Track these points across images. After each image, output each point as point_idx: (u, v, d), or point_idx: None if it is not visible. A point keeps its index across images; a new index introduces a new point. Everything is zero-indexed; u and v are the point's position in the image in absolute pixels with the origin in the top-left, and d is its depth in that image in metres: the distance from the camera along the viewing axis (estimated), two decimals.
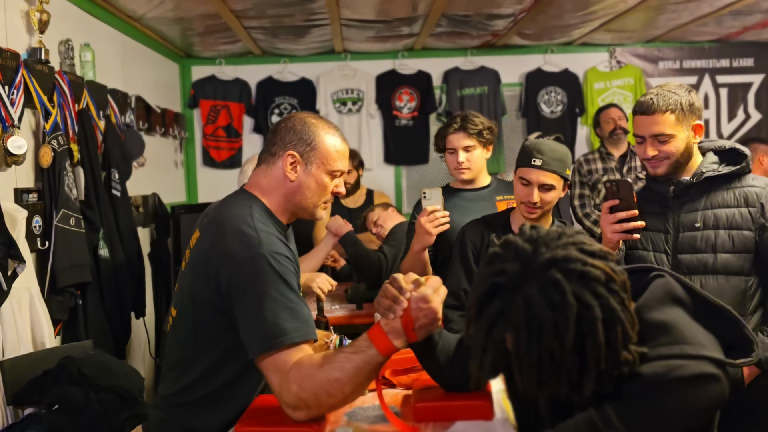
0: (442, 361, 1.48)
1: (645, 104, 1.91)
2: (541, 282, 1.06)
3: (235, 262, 1.45)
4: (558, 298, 1.04)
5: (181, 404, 1.58)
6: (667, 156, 1.90)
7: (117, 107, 3.48)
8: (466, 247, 2.23)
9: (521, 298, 1.06)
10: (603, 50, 5.20)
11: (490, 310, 1.09)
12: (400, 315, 1.37)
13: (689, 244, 1.90)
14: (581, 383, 1.08)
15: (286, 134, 1.60)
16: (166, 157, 4.59)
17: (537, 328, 1.05)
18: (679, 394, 1.07)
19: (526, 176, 2.08)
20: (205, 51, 4.83)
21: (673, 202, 1.95)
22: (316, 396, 1.35)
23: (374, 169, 5.10)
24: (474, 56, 5.10)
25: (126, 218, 3.26)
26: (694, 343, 1.11)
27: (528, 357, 1.06)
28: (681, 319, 1.16)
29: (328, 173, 1.61)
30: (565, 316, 1.04)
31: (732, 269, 1.87)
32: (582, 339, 1.05)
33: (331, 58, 5.08)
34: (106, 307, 2.97)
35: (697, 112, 1.91)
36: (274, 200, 1.60)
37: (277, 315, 1.41)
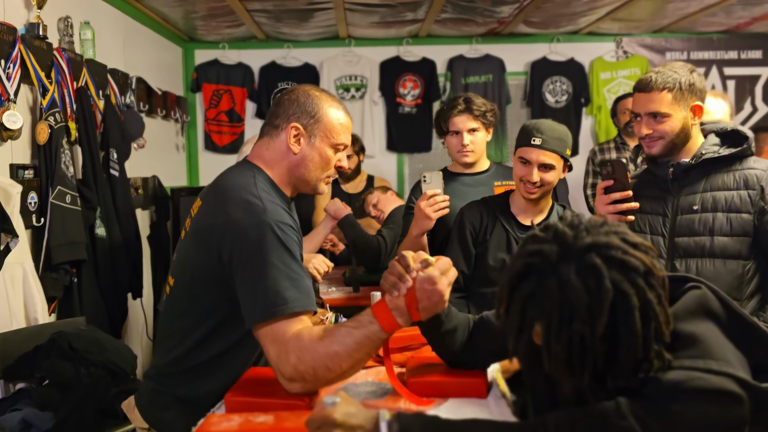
0: (447, 340, 1.45)
1: (643, 81, 1.88)
2: (579, 265, 1.03)
3: (239, 229, 1.42)
4: (594, 283, 1.01)
5: (174, 374, 1.55)
6: (661, 135, 1.86)
7: (117, 87, 3.45)
8: (465, 228, 2.20)
9: (556, 280, 1.03)
10: (610, 40, 5.14)
11: (522, 291, 1.07)
12: (404, 293, 1.33)
13: (687, 227, 1.87)
14: (605, 374, 1.04)
15: (290, 106, 1.57)
16: (167, 140, 4.57)
17: (569, 312, 1.01)
18: (693, 404, 1.02)
19: (526, 155, 2.04)
20: (209, 35, 4.79)
21: (672, 185, 1.92)
22: (314, 369, 1.32)
23: (376, 157, 5.07)
24: (479, 44, 5.06)
25: (124, 198, 3.24)
26: (720, 359, 1.07)
27: (558, 339, 1.02)
28: (711, 334, 1.12)
29: (332, 146, 1.58)
30: (600, 302, 1.01)
31: (729, 253, 1.83)
32: (614, 327, 1.02)
33: (335, 44, 5.04)
34: (101, 286, 2.96)
35: (698, 93, 1.87)
36: (278, 172, 1.58)
37: (279, 284, 1.38)
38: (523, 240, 1.14)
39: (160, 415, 1.55)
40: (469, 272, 2.19)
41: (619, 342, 1.03)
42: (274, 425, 1.20)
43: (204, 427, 1.21)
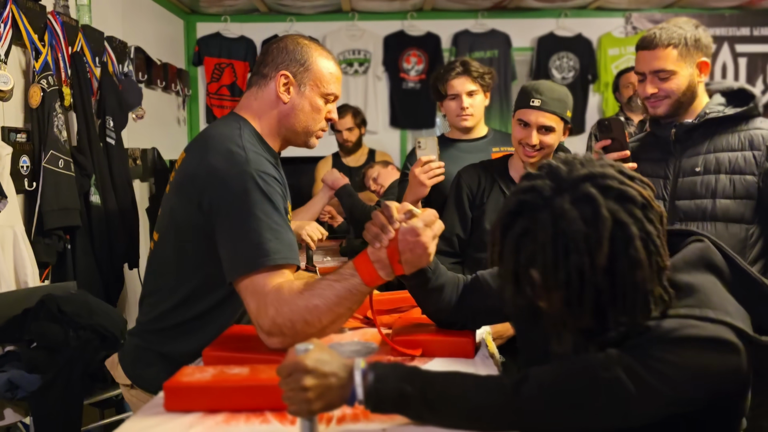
0: (434, 297, 1.40)
1: (647, 39, 1.80)
2: (573, 196, 0.97)
3: (220, 178, 1.38)
4: (590, 212, 0.96)
5: (157, 330, 1.52)
6: (667, 94, 1.79)
7: (114, 55, 3.40)
8: (462, 191, 2.14)
9: (549, 212, 0.97)
10: (619, 15, 5.04)
11: (515, 231, 1.00)
12: (386, 245, 1.28)
13: (688, 189, 1.79)
14: (607, 312, 0.99)
15: (279, 54, 1.52)
16: (168, 113, 4.53)
17: (565, 244, 0.95)
18: (685, 352, 0.97)
19: (525, 117, 1.98)
20: (210, 7, 4.73)
21: (675, 147, 1.84)
22: (292, 322, 1.28)
23: (380, 133, 5.01)
24: (485, 18, 4.97)
25: (120, 167, 3.21)
26: (718, 309, 1.02)
27: (555, 275, 0.96)
28: (711, 285, 1.06)
29: (322, 96, 1.53)
30: (598, 230, 0.95)
31: (732, 216, 1.75)
32: (614, 260, 0.96)
33: (339, 17, 4.96)
34: (96, 253, 2.93)
35: (704, 49, 1.79)
36: (266, 123, 1.53)
37: (260, 235, 1.33)
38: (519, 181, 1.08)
39: (142, 371, 1.52)
40: (465, 236, 2.13)
41: (622, 275, 0.96)
42: (247, 376, 1.16)
43: (177, 377, 1.17)
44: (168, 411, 1.14)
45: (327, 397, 0.99)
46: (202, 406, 1.13)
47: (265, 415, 1.11)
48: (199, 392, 1.13)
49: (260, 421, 1.09)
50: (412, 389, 1.00)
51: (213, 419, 1.10)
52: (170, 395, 1.14)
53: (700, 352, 0.97)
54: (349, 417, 1.09)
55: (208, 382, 1.14)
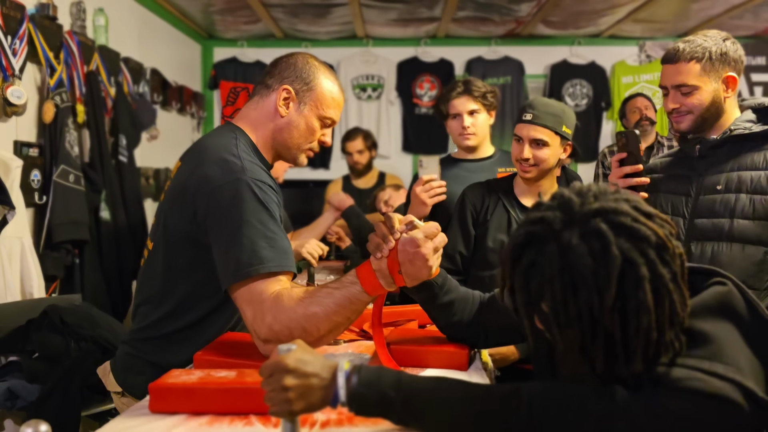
0: (444, 313, 1.39)
1: (670, 52, 1.75)
2: (582, 231, 0.93)
3: (214, 186, 1.38)
4: (599, 249, 0.91)
5: (148, 339, 1.51)
6: (689, 110, 1.72)
7: (130, 76, 3.47)
8: (466, 209, 2.13)
9: (557, 245, 0.93)
10: (632, 43, 5.05)
11: (523, 263, 0.97)
12: (386, 255, 1.27)
13: (707, 207, 1.73)
14: (617, 354, 0.94)
15: (286, 69, 1.53)
16: (183, 135, 4.59)
17: (572, 279, 0.91)
18: (685, 404, 0.92)
19: (518, 132, 1.98)
20: (227, 31, 4.83)
21: (698, 163, 1.78)
22: (290, 330, 1.27)
23: (392, 157, 5.03)
24: (498, 45, 5.01)
25: (132, 185, 3.25)
26: (729, 364, 0.96)
27: (565, 312, 0.92)
28: (727, 335, 1.00)
29: (319, 118, 1.53)
30: (607, 268, 0.90)
31: (749, 237, 1.67)
32: (623, 301, 0.91)
33: (353, 43, 5.04)
34: (104, 269, 2.95)
35: (732, 63, 1.72)
36: (261, 135, 1.53)
37: (255, 243, 1.33)
38: (528, 210, 1.04)
39: (133, 380, 1.51)
40: (468, 254, 2.11)
41: (628, 318, 0.92)
42: (233, 380, 1.14)
43: (163, 379, 1.16)
44: (153, 412, 1.13)
45: (308, 397, 0.97)
46: (186, 408, 1.12)
47: (249, 418, 1.09)
48: (184, 394, 1.12)
49: (244, 423, 1.08)
50: (396, 394, 0.98)
51: (196, 421, 1.09)
52: (155, 396, 1.13)
53: (700, 407, 0.92)
54: (333, 422, 1.07)
55: (193, 383, 1.13)
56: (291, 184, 4.50)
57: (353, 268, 3.00)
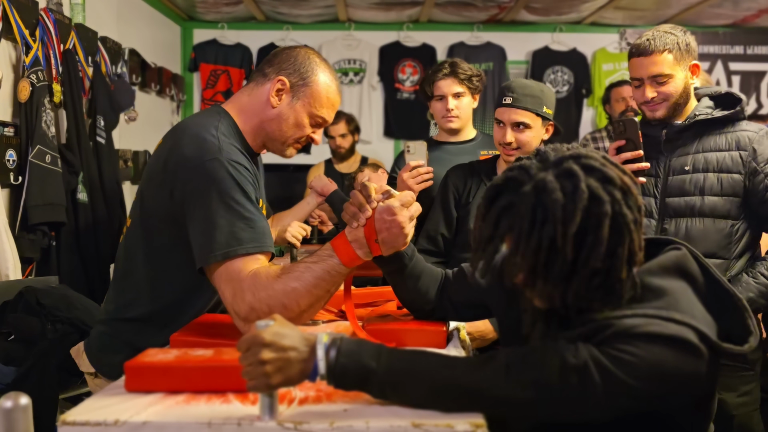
0: (410, 285, 1.40)
1: (641, 46, 1.86)
2: (557, 172, 1.03)
3: (192, 166, 1.37)
4: (570, 186, 1.01)
5: (124, 319, 1.50)
6: (665, 98, 1.86)
7: (108, 56, 3.42)
8: (448, 191, 2.13)
9: (532, 185, 1.02)
10: (613, 31, 5.08)
11: (499, 203, 1.05)
12: (363, 224, 1.29)
13: (678, 187, 1.87)
14: (571, 280, 1.02)
15: (285, 60, 1.52)
16: (162, 117, 4.53)
17: (543, 214, 1.00)
18: (646, 347, 0.99)
19: (499, 116, 1.99)
20: (208, 13, 4.77)
21: (665, 146, 1.91)
22: (270, 307, 1.26)
23: (374, 142, 5.02)
24: (480, 31, 5.00)
25: (110, 167, 3.21)
26: (685, 312, 1.04)
27: (527, 242, 1.00)
28: (682, 292, 1.09)
29: (311, 116, 1.52)
30: (574, 203, 0.99)
31: (718, 212, 1.84)
32: (585, 232, 1.00)
33: (335, 27, 5.00)
34: (81, 252, 2.92)
35: (693, 53, 1.88)
36: (248, 121, 1.52)
37: (233, 224, 1.33)
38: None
39: (108, 359, 1.49)
40: (449, 236, 2.12)
41: (589, 249, 1.00)
42: (210, 358, 1.14)
43: (139, 358, 1.15)
44: (128, 391, 1.12)
45: (286, 371, 0.97)
46: (163, 387, 1.11)
47: (227, 396, 1.09)
48: (161, 372, 1.11)
49: (221, 401, 1.07)
50: (377, 365, 0.99)
51: (173, 399, 1.08)
52: (131, 375, 1.12)
53: (660, 349, 0.99)
54: (311, 398, 1.07)
55: (170, 362, 1.12)
56: (270, 168, 4.45)
57: None
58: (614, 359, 0.98)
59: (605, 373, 0.98)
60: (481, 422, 0.96)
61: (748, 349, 1.07)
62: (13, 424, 0.75)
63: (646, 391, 0.99)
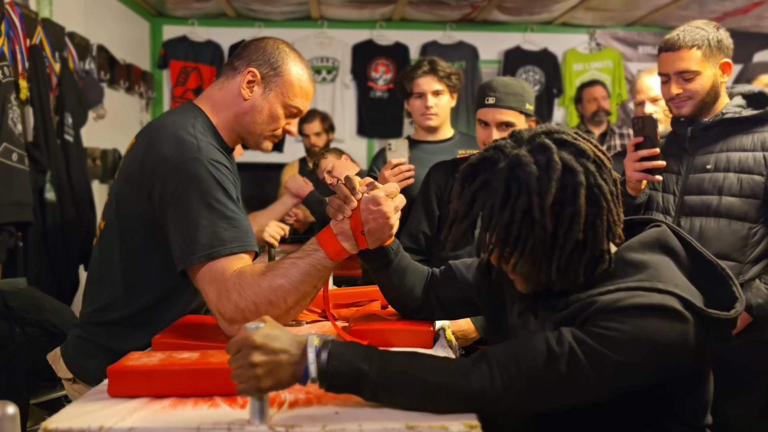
0: (395, 280, 1.39)
1: (670, 40, 1.83)
2: (530, 147, 1.05)
3: (170, 166, 1.34)
4: (544, 160, 1.03)
5: (101, 322, 1.46)
6: (691, 95, 1.82)
7: (76, 52, 3.33)
8: (430, 188, 2.12)
9: (507, 161, 1.05)
10: (583, 31, 5.14)
11: (475, 183, 1.08)
12: (349, 215, 1.28)
13: (697, 185, 1.84)
14: (552, 255, 1.03)
15: (254, 52, 1.49)
16: (131, 115, 4.44)
17: (517, 188, 1.02)
18: (630, 319, 0.99)
19: (483, 117, 1.98)
20: (178, 9, 4.68)
21: (690, 144, 1.88)
22: (256, 305, 1.24)
23: (346, 141, 4.99)
24: (453, 30, 5.02)
25: (78, 165, 3.12)
26: (667, 282, 1.04)
27: (499, 217, 1.03)
28: (664, 265, 1.09)
29: (284, 106, 1.49)
30: (548, 174, 1.01)
31: (735, 213, 1.78)
32: (562, 204, 1.02)
33: (308, 24, 4.96)
34: (49, 253, 2.84)
35: (726, 50, 1.83)
36: (223, 117, 1.49)
37: (216, 224, 1.30)
38: None
39: (85, 364, 1.45)
40: (431, 234, 2.11)
41: (567, 220, 1.02)
42: (196, 361, 1.11)
43: (122, 362, 1.12)
44: (112, 396, 1.09)
45: (277, 374, 0.95)
46: (148, 392, 1.08)
47: (214, 400, 1.07)
48: (145, 376, 1.08)
49: (209, 405, 1.05)
50: (369, 368, 0.97)
51: (159, 404, 1.05)
52: (114, 379, 1.09)
53: (645, 320, 0.99)
54: (301, 401, 1.06)
55: (154, 366, 1.09)
56: (242, 167, 4.38)
57: None
58: (599, 337, 0.99)
59: (591, 353, 0.98)
60: (475, 423, 0.95)
61: (734, 314, 1.07)
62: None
63: (637, 365, 0.99)
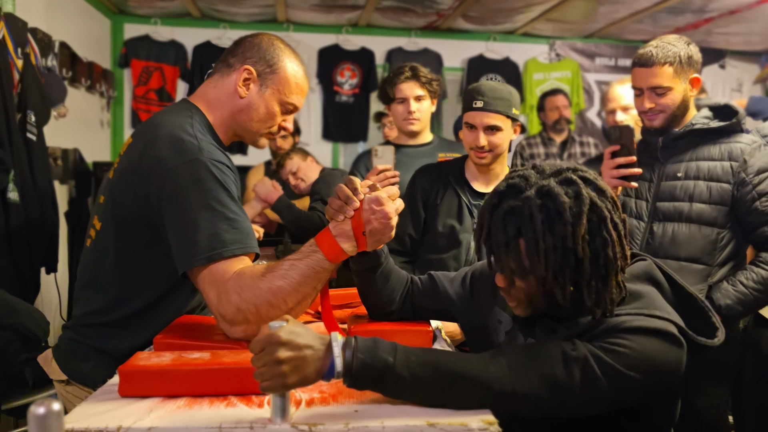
0: (380, 285, 1.40)
1: (644, 56, 1.91)
2: (558, 179, 1.11)
3: (169, 167, 1.32)
4: (573, 192, 1.09)
5: (94, 324, 1.43)
6: (663, 109, 1.91)
7: (38, 49, 3.23)
8: (416, 191, 2.14)
9: (536, 190, 1.10)
10: (543, 42, 5.29)
11: (502, 208, 1.11)
12: (351, 215, 1.28)
13: (669, 192, 1.93)
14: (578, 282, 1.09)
15: (249, 48, 1.48)
16: (92, 114, 4.33)
17: (549, 216, 1.07)
18: (636, 338, 1.06)
19: (470, 120, 2.01)
20: (140, 7, 4.59)
21: (661, 153, 1.98)
22: (257, 307, 1.24)
23: (312, 145, 4.98)
24: (418, 37, 5.08)
25: (42, 165, 3.02)
26: (662, 310, 1.13)
27: (544, 242, 1.07)
28: (654, 294, 1.18)
29: (281, 103, 1.48)
30: (579, 206, 1.07)
31: (705, 219, 1.89)
32: (592, 235, 1.08)
33: (274, 27, 4.93)
34: (13, 254, 2.73)
35: (695, 65, 1.92)
36: (219, 115, 1.48)
37: (217, 225, 1.29)
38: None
39: (78, 366, 1.42)
40: (417, 236, 2.12)
41: (598, 249, 1.08)
42: (210, 361, 1.11)
43: (132, 362, 1.10)
44: (122, 396, 1.07)
45: (302, 370, 0.96)
46: (160, 392, 1.07)
47: (229, 399, 1.07)
48: (158, 376, 1.07)
49: (225, 404, 1.05)
50: (394, 360, 0.99)
51: (174, 403, 1.05)
52: (126, 379, 1.07)
53: (649, 340, 1.06)
54: (317, 400, 1.07)
55: (168, 365, 1.09)
56: None
57: (284, 252, 2.99)
58: (610, 352, 1.04)
59: (605, 365, 1.03)
60: (492, 419, 0.98)
61: (717, 342, 1.17)
62: (46, 430, 0.70)
63: (642, 381, 1.05)
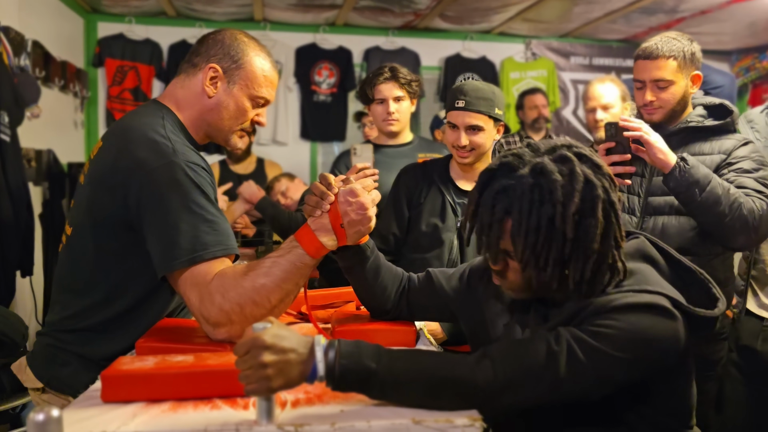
0: (371, 280, 1.41)
1: (648, 49, 1.92)
2: (552, 157, 1.10)
3: (147, 170, 1.31)
4: (567, 170, 1.08)
5: (73, 330, 1.41)
6: (663, 104, 1.93)
7: (11, 48, 3.17)
8: (400, 191, 2.15)
9: (530, 168, 1.09)
10: (519, 41, 5.33)
11: (493, 187, 1.11)
12: (327, 209, 1.30)
13: (660, 187, 1.94)
14: (568, 263, 1.08)
15: (213, 46, 1.46)
16: (65, 115, 4.26)
17: (541, 194, 1.06)
18: (624, 317, 1.05)
19: (452, 119, 2.02)
20: (114, 6, 4.53)
21: None
22: (241, 306, 1.24)
23: (290, 144, 4.97)
24: (395, 36, 5.09)
25: (15, 166, 2.97)
26: (655, 285, 1.12)
27: (528, 220, 1.06)
28: (647, 270, 1.17)
29: (251, 98, 1.47)
30: (572, 185, 1.06)
31: None
32: (582, 214, 1.07)
33: (250, 26, 4.90)
34: None
35: (697, 63, 1.94)
36: (189, 115, 1.47)
37: (197, 228, 1.28)
38: None
39: (57, 372, 1.40)
40: (401, 235, 2.13)
41: (587, 230, 1.07)
42: (193, 364, 1.11)
43: (115, 366, 1.10)
44: (105, 402, 1.07)
45: (287, 373, 0.97)
46: (143, 396, 1.07)
47: (214, 402, 1.07)
48: (142, 381, 1.07)
49: (210, 407, 1.05)
50: (378, 366, 1.00)
51: (158, 408, 1.04)
52: (108, 384, 1.07)
53: (638, 316, 1.06)
54: (302, 401, 1.07)
55: (151, 369, 1.08)
56: None
57: (265, 252, 2.99)
58: (595, 335, 1.05)
59: (588, 349, 1.04)
60: (477, 416, 1.00)
61: (718, 312, 1.16)
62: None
63: (632, 360, 1.05)
